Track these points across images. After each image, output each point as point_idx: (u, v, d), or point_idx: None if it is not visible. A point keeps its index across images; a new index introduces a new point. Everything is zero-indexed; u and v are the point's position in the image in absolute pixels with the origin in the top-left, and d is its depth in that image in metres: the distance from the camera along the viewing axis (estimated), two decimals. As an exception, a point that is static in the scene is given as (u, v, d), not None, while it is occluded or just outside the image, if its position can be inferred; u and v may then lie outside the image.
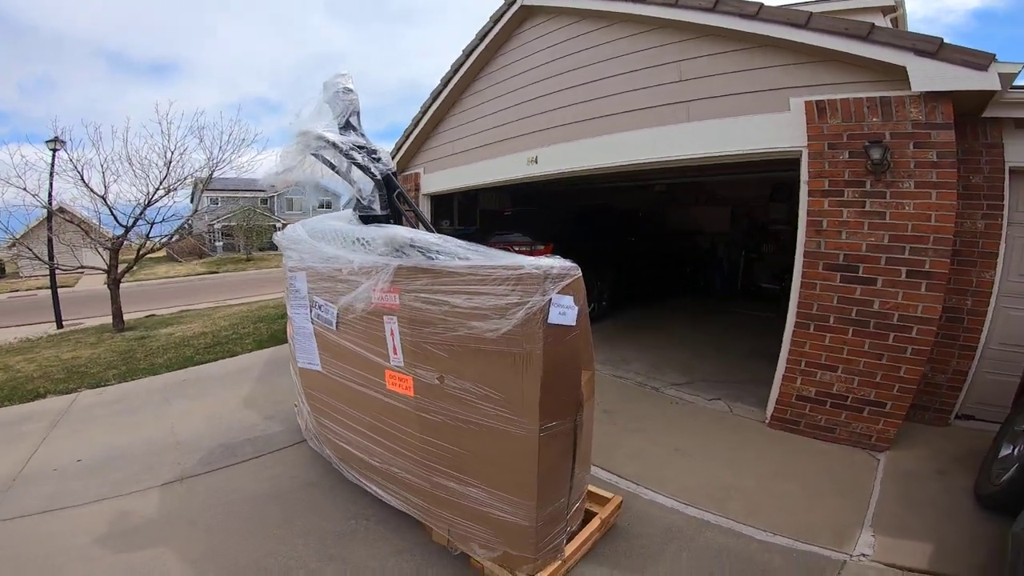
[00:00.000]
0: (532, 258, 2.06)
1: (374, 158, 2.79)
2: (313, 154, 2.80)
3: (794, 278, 3.94)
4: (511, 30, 6.41)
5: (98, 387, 6.02)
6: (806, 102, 3.75)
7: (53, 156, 9.85)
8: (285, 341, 7.37)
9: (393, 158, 8.71)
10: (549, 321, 1.98)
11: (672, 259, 9.91)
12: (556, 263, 2.03)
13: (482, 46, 6.65)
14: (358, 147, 2.75)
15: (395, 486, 2.80)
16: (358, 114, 2.88)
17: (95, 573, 2.64)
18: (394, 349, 2.45)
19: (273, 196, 36.38)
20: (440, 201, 8.80)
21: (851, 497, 3.17)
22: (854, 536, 2.80)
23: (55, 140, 9.86)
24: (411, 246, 2.32)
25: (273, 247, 35.00)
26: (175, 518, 3.15)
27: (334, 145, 2.69)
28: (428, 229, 2.73)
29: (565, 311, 2.01)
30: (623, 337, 6.79)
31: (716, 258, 10.98)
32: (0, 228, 9.32)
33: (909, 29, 7.32)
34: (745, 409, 4.46)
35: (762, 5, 3.90)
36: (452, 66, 7.10)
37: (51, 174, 9.80)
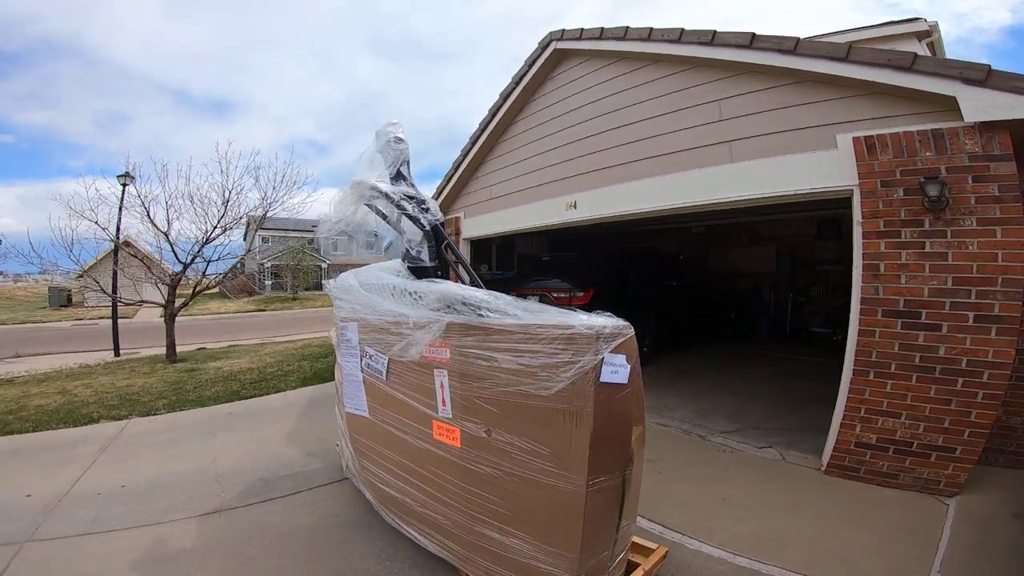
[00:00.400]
0: (584, 316, 2.07)
1: (423, 208, 2.87)
2: (366, 204, 2.91)
3: (851, 325, 3.76)
4: (546, 73, 6.53)
5: (148, 415, 6.25)
6: (854, 138, 3.65)
7: (123, 191, 10.47)
8: (328, 379, 7.56)
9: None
10: (601, 380, 1.98)
11: (715, 303, 9.66)
12: (609, 322, 2.04)
13: (518, 90, 6.80)
14: (408, 197, 2.84)
15: (434, 531, 2.77)
16: (408, 163, 2.99)
17: None
18: (443, 401, 2.48)
19: (320, 237, 37.75)
20: (479, 245, 8.89)
21: (918, 544, 2.96)
22: (919, 583, 2.59)
23: (126, 175, 10.47)
24: (463, 303, 2.36)
25: (318, 287, 36.38)
26: (211, 549, 3.17)
27: (386, 196, 2.80)
28: (475, 282, 2.78)
29: (617, 370, 2.00)
30: (666, 384, 6.59)
31: (761, 301, 10.64)
32: (72, 260, 9.87)
33: (945, 52, 7.15)
34: (799, 457, 4.24)
35: (799, 40, 3.86)
36: (489, 110, 7.26)
37: (120, 209, 10.43)
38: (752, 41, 4.08)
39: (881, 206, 3.55)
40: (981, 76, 3.09)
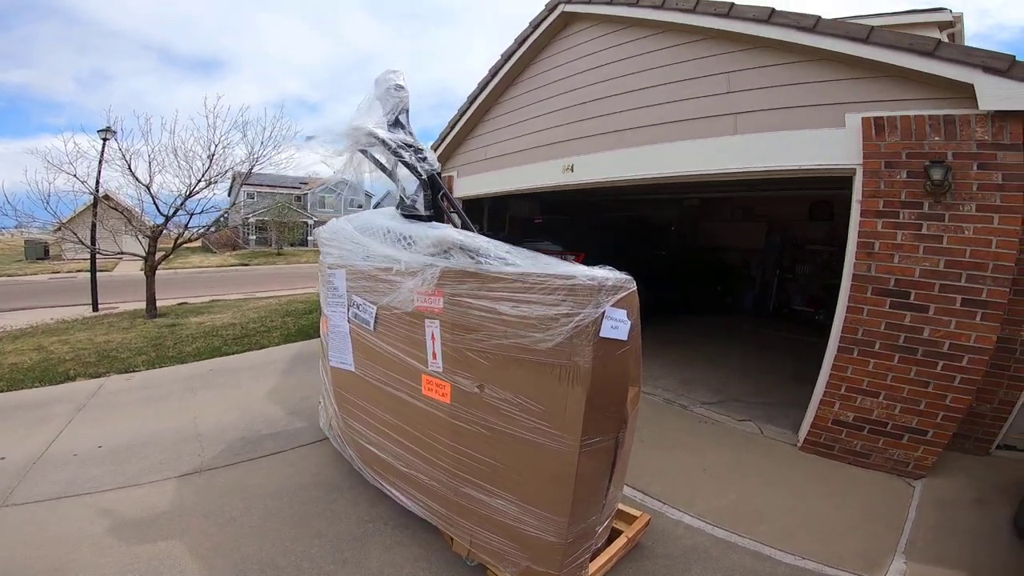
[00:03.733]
0: (585, 268, 1.97)
1: (420, 157, 2.75)
2: (361, 150, 2.79)
3: (840, 302, 3.79)
4: (551, 36, 6.36)
5: (127, 372, 6.13)
6: (863, 118, 3.61)
7: (103, 145, 10.19)
8: (311, 336, 7.50)
9: (428, 160, 8.78)
10: (600, 335, 1.90)
11: (703, 275, 9.70)
12: (611, 275, 1.94)
13: (520, 51, 6.62)
14: (406, 145, 2.72)
15: (418, 492, 2.74)
16: (407, 112, 2.85)
17: (105, 564, 2.62)
18: (433, 354, 2.39)
19: (307, 194, 37.25)
20: (471, 206, 8.75)
21: (885, 523, 3.07)
22: (886, 563, 2.71)
23: (107, 130, 10.20)
24: (460, 248, 2.25)
25: (303, 243, 36.05)
26: (190, 511, 3.13)
27: (383, 142, 2.66)
28: (471, 231, 2.68)
29: (618, 325, 1.93)
30: (651, 353, 6.53)
31: (748, 276, 10.71)
32: (48, 212, 9.59)
33: (965, 44, 7.06)
34: (776, 431, 4.33)
35: (820, 18, 3.80)
36: (490, 70, 7.09)
37: (100, 162, 10.14)
38: (771, 16, 4.01)
39: (883, 186, 3.54)
40: (1004, 66, 3.05)
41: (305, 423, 4.48)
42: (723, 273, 10.39)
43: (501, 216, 10.21)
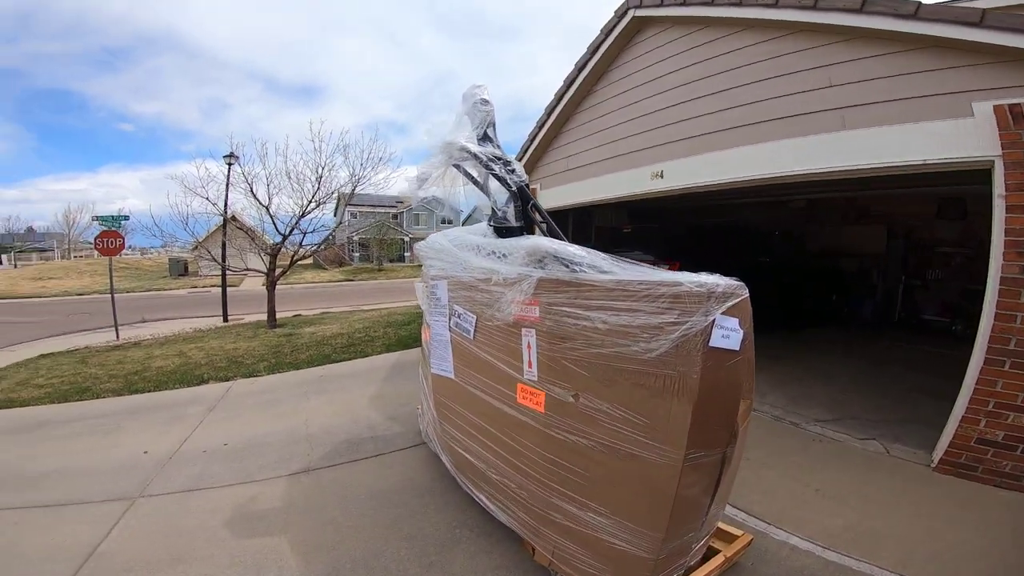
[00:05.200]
0: (691, 274, 1.89)
1: (509, 170, 2.80)
2: (454, 165, 2.90)
3: (985, 309, 3.33)
4: (624, 41, 6.26)
5: (250, 377, 6.81)
6: (995, 106, 3.21)
7: (228, 169, 11.51)
8: (409, 346, 7.85)
9: (514, 173, 8.93)
10: (711, 344, 1.80)
11: (813, 284, 8.91)
12: (720, 281, 1.85)
13: (594, 60, 6.57)
14: (495, 158, 2.79)
15: (506, 500, 2.74)
16: (494, 125, 2.92)
17: (217, 556, 2.88)
18: (529, 363, 2.40)
19: (403, 212, 39.45)
20: (555, 217, 8.65)
21: None
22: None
23: (230, 155, 11.51)
24: (554, 257, 2.25)
25: (400, 259, 38.09)
26: (297, 508, 3.38)
27: (475, 156, 2.74)
28: (562, 241, 2.69)
29: (729, 334, 1.84)
30: (756, 368, 6.17)
31: (867, 284, 9.66)
32: (188, 232, 10.98)
33: None
34: (906, 451, 3.87)
35: (920, 4, 3.46)
36: (565, 81, 7.08)
37: (227, 186, 11.44)
38: (863, 6, 3.71)
39: (1031, 178, 3.07)
40: None
41: (402, 428, 4.69)
42: (836, 281, 9.45)
43: (586, 227, 10.10)
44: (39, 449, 4.48)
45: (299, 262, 11.93)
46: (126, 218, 11.40)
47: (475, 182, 2.97)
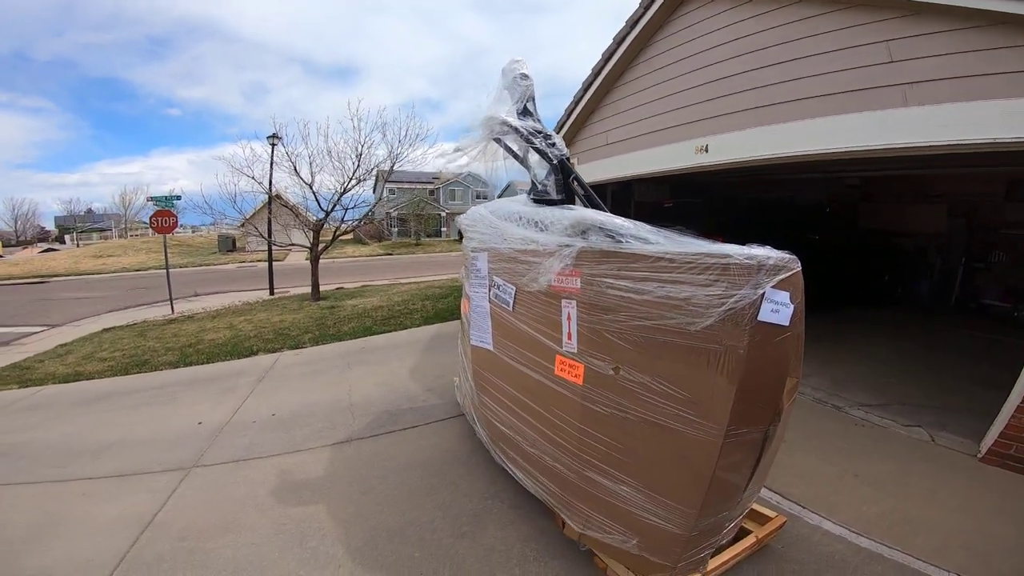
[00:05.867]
0: (741, 247, 1.83)
1: (549, 143, 2.78)
2: (494, 139, 2.89)
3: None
4: (665, 14, 6.00)
5: (296, 348, 7.08)
6: None
7: (272, 150, 11.83)
8: (447, 319, 8.00)
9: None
10: (759, 319, 1.74)
11: (865, 264, 8.52)
12: (772, 253, 1.78)
13: (634, 32, 6.33)
14: (536, 132, 2.76)
15: (540, 473, 2.77)
16: (533, 99, 2.88)
17: (262, 525, 3.03)
18: (568, 335, 2.38)
19: (439, 188, 39.76)
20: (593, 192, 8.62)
21: None
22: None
23: (274, 136, 11.83)
24: (599, 228, 2.21)
25: (437, 234, 38.52)
26: (338, 478, 3.53)
27: (516, 130, 2.72)
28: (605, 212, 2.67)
29: (779, 308, 1.76)
30: (798, 347, 6.01)
31: (924, 265, 9.17)
32: (236, 209, 11.42)
33: None
34: (952, 440, 3.73)
35: None
36: (603, 55, 6.86)
37: (271, 165, 11.76)
38: None
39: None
40: None
41: (440, 400, 4.81)
42: (891, 261, 8.99)
43: (626, 202, 9.91)
44: (104, 420, 4.79)
45: (340, 237, 12.22)
46: (178, 198, 11.92)
47: (515, 156, 2.96)
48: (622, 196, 9.88)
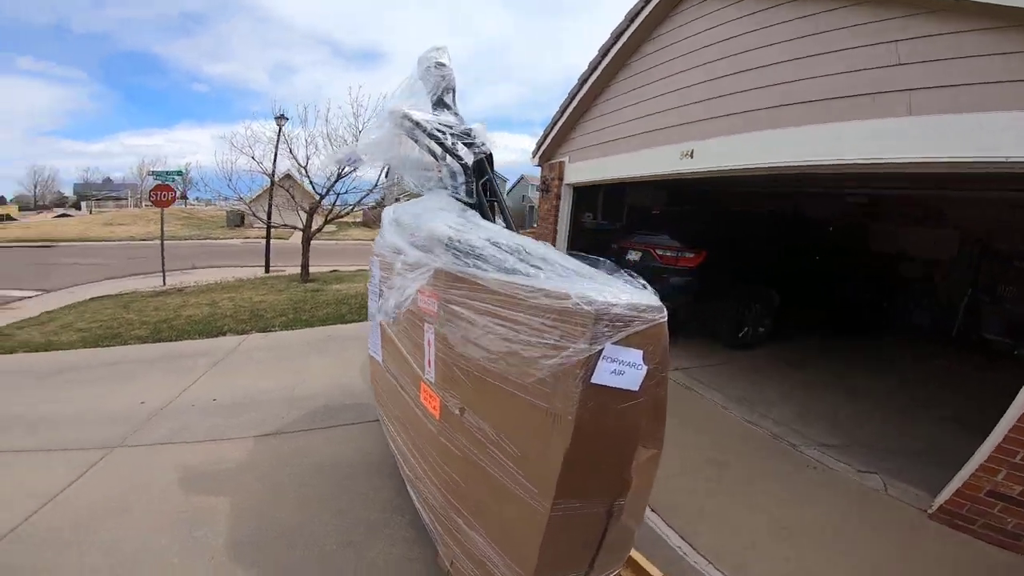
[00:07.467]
0: (594, 285, 1.48)
1: (466, 140, 2.54)
2: (409, 136, 2.64)
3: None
4: (665, 11, 5.74)
5: (265, 331, 6.97)
6: None
7: (279, 131, 11.88)
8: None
9: (540, 147, 8.55)
10: (594, 380, 1.41)
11: (864, 287, 8.11)
12: (625, 297, 1.43)
13: (632, 27, 6.07)
14: (446, 126, 2.52)
15: (421, 497, 2.60)
16: (453, 91, 2.65)
17: (161, 512, 2.95)
18: (428, 362, 2.16)
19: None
20: (584, 193, 8.38)
21: None
22: None
23: (281, 116, 11.91)
24: (446, 245, 1.94)
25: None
26: (250, 471, 3.43)
27: (417, 124, 2.47)
28: (508, 225, 2.43)
29: (624, 370, 1.42)
30: (773, 374, 5.70)
31: (928, 293, 8.73)
32: (230, 188, 11.65)
33: None
34: (905, 491, 3.42)
35: None
36: (600, 50, 6.62)
37: (277, 146, 11.82)
38: None
39: None
40: None
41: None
42: (889, 285, 8.60)
43: (619, 205, 9.62)
44: (54, 394, 4.72)
45: (338, 220, 12.29)
46: (179, 173, 12.09)
47: (433, 154, 2.67)
48: (616, 198, 9.62)
